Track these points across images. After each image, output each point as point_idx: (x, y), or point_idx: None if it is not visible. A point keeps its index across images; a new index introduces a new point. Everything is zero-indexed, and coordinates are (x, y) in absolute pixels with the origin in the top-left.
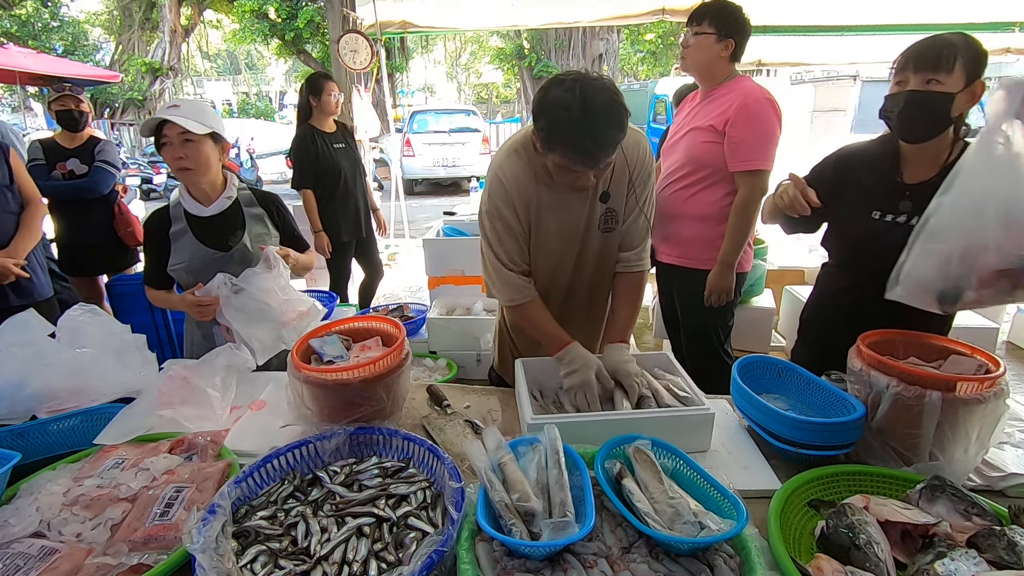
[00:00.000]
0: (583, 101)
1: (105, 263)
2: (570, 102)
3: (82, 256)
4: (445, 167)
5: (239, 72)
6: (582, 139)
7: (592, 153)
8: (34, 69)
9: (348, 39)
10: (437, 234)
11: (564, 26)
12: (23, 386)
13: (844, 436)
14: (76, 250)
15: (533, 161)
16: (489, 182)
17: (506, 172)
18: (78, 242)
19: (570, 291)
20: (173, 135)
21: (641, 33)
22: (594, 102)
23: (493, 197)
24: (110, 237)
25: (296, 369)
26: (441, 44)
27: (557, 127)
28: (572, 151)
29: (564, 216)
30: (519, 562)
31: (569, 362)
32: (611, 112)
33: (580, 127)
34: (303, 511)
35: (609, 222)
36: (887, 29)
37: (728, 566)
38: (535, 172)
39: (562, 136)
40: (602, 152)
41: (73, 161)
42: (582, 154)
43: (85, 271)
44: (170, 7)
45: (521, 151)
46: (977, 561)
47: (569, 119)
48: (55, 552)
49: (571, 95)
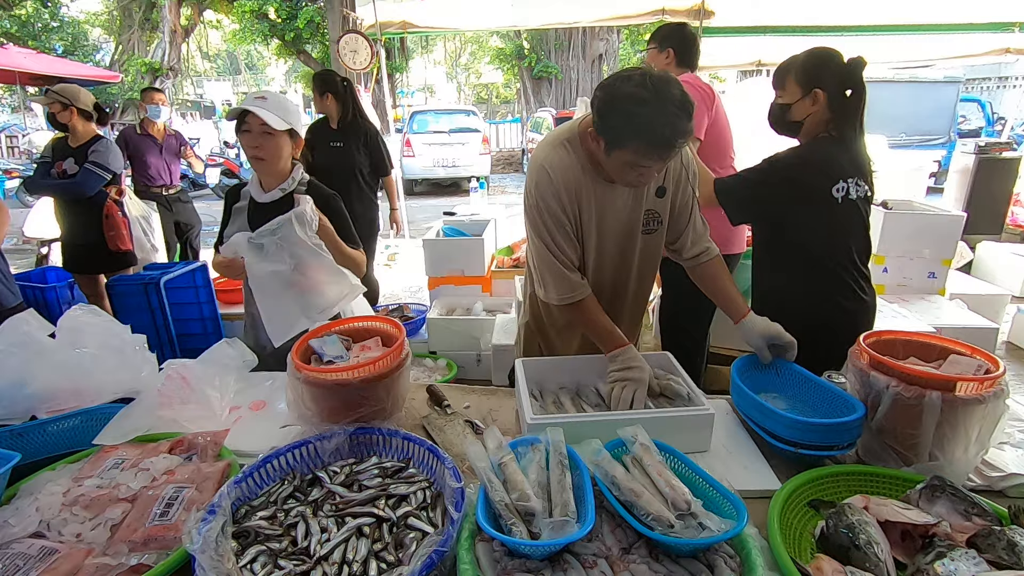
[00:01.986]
0: (657, 93)
1: (99, 263)
2: (645, 96)
3: (78, 254)
4: (445, 167)
5: (239, 72)
6: (661, 130)
7: (671, 143)
8: (34, 69)
9: (348, 39)
10: (437, 234)
11: (564, 26)
12: (23, 386)
13: (844, 436)
14: (73, 248)
15: (580, 155)
16: (534, 176)
17: (553, 164)
18: (72, 241)
19: (616, 292)
20: (255, 125)
21: (641, 33)
22: (668, 93)
23: (540, 190)
24: (98, 238)
25: (296, 369)
26: (441, 44)
27: (632, 121)
28: (648, 143)
29: (611, 212)
30: (519, 562)
31: (625, 361)
32: (684, 103)
33: (658, 119)
34: (303, 511)
35: (651, 223)
36: (887, 29)
37: (728, 566)
38: (582, 166)
39: (638, 129)
40: (679, 142)
41: (69, 161)
42: (659, 146)
43: (84, 270)
44: (170, 7)
45: (567, 145)
46: (977, 561)
47: (645, 112)
48: (55, 552)
49: (644, 89)
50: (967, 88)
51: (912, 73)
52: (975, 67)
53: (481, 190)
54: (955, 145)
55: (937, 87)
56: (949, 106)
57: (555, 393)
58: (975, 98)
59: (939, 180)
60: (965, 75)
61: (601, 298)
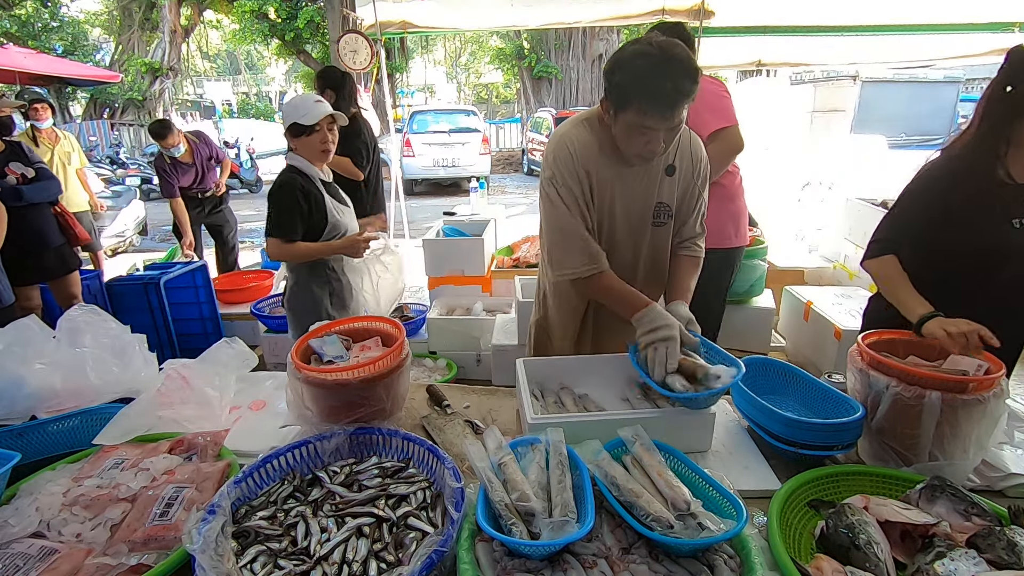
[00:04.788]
0: (662, 51)
1: (71, 262)
2: (649, 52)
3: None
4: (445, 167)
5: (239, 72)
6: (662, 85)
7: (672, 99)
8: (34, 69)
9: (348, 39)
10: (437, 234)
11: (564, 26)
12: (23, 386)
13: (844, 436)
14: (44, 255)
15: (599, 135)
16: (553, 150)
17: (573, 139)
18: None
19: (632, 283)
20: (325, 123)
21: (641, 33)
22: (672, 53)
23: (558, 163)
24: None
25: (296, 369)
26: (441, 44)
27: (635, 76)
28: (650, 99)
29: (624, 196)
30: (519, 562)
31: (651, 320)
32: (688, 63)
33: (660, 74)
34: (303, 511)
35: (661, 216)
36: (887, 29)
37: (728, 566)
38: (600, 146)
39: (641, 84)
40: (679, 100)
41: (17, 165)
42: (659, 102)
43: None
44: (170, 7)
45: (587, 124)
46: (977, 561)
47: (648, 67)
48: (55, 552)
49: (650, 47)
50: (967, 88)
51: (912, 73)
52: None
53: (481, 190)
54: None
55: (937, 87)
56: (949, 106)
57: (556, 393)
58: (975, 98)
59: None
60: (965, 75)
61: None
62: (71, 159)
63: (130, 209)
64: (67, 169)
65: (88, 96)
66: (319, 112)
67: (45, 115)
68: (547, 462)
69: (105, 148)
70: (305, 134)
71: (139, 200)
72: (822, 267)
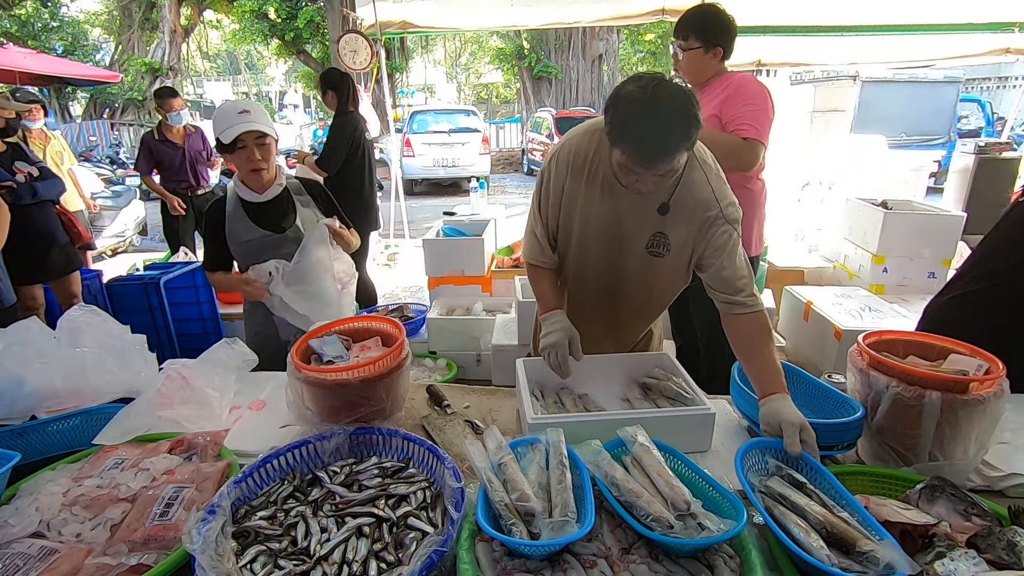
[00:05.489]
0: (654, 99)
1: (74, 261)
2: (640, 98)
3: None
4: (445, 167)
5: (239, 72)
6: (645, 137)
7: (651, 154)
8: (34, 69)
9: (348, 39)
10: (437, 234)
11: (564, 26)
12: (23, 386)
13: (844, 436)
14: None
15: (601, 152)
16: (557, 150)
17: (574, 147)
18: (46, 246)
19: (609, 304)
20: (250, 140)
21: (641, 33)
22: (664, 103)
23: (557, 164)
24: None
25: (296, 369)
26: (441, 44)
27: (622, 121)
28: (632, 148)
29: (595, 215)
30: (519, 562)
31: (550, 324)
32: (679, 117)
33: (644, 124)
34: (303, 511)
35: (658, 246)
36: (887, 29)
37: (728, 566)
38: (592, 159)
39: (625, 131)
40: (661, 155)
41: (21, 164)
42: (640, 153)
43: (62, 272)
44: (170, 7)
45: (594, 135)
46: (977, 561)
47: (635, 115)
48: (55, 552)
49: (643, 92)
50: (967, 88)
51: (912, 73)
52: (975, 67)
53: (481, 190)
54: (955, 145)
55: (937, 87)
56: (949, 106)
57: (556, 393)
58: (975, 98)
59: (939, 180)
60: (965, 75)
61: (587, 305)
62: (63, 159)
63: (130, 209)
64: (60, 169)
65: (88, 96)
66: (237, 128)
67: (37, 116)
68: (547, 462)
69: (105, 148)
70: (228, 152)
71: (139, 200)
72: (822, 267)
